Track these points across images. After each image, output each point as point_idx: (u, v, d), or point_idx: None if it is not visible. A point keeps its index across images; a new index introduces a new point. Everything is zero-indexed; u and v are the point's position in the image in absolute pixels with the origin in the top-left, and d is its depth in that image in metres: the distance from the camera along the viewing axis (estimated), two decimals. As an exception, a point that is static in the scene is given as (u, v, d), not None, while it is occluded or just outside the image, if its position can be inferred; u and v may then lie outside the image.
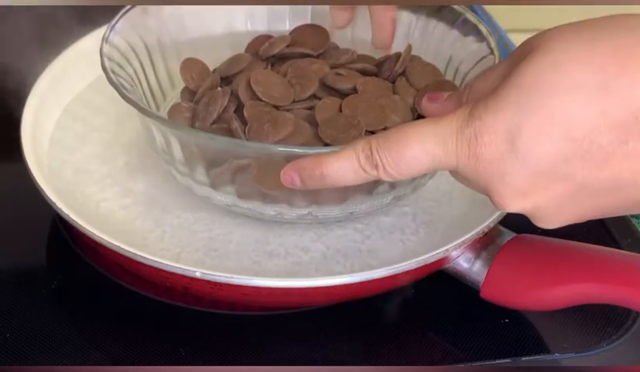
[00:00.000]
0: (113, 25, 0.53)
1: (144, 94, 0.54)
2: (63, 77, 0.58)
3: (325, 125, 0.49)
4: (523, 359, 0.49)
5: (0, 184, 0.57)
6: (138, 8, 0.54)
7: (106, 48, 0.51)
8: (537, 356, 0.49)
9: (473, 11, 0.68)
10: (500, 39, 0.75)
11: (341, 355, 0.49)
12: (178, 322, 0.50)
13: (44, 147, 0.54)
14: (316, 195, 0.49)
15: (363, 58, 0.56)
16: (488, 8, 0.79)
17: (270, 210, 0.50)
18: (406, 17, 0.58)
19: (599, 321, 0.51)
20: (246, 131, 0.48)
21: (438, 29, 0.57)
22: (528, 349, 0.49)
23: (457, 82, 0.55)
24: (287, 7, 0.60)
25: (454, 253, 0.49)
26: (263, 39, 0.56)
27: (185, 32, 0.58)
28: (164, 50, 0.56)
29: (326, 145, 0.49)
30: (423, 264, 0.47)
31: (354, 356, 0.49)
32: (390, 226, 0.53)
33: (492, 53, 0.53)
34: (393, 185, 0.50)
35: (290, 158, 0.44)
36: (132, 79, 0.52)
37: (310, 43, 0.56)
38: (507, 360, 0.49)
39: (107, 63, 0.50)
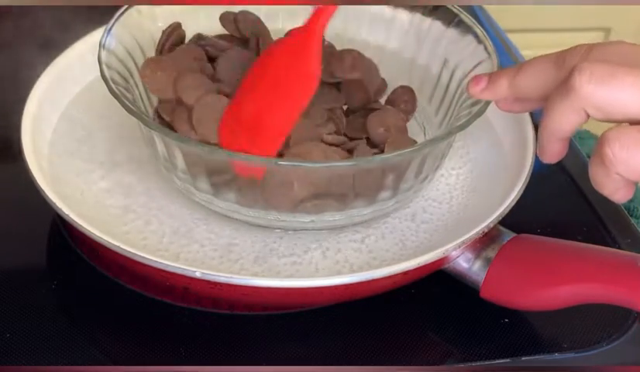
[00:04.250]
0: (109, 29, 0.52)
1: (140, 96, 0.54)
2: (61, 80, 0.57)
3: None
4: (523, 359, 0.49)
5: (0, 184, 0.57)
6: (132, 10, 0.54)
7: (104, 55, 0.51)
8: (537, 356, 0.49)
9: (473, 11, 0.68)
10: (500, 39, 0.75)
11: (341, 355, 0.48)
12: (178, 322, 0.49)
13: (44, 148, 0.54)
14: (321, 206, 0.49)
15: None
16: (488, 8, 0.79)
17: (271, 217, 0.50)
18: (402, 16, 0.58)
19: (599, 321, 0.51)
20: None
21: (433, 28, 0.57)
22: (527, 348, 0.49)
23: (452, 86, 0.55)
24: (280, 6, 0.60)
25: (454, 253, 0.49)
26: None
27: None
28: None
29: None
30: (423, 264, 0.47)
31: (354, 356, 0.48)
32: (390, 226, 0.53)
33: (490, 57, 0.53)
34: (395, 191, 0.50)
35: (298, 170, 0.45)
36: (128, 82, 0.52)
37: None
38: (507, 360, 0.49)
39: (107, 72, 0.50)
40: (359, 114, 0.53)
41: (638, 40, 0.44)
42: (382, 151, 0.51)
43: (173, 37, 0.54)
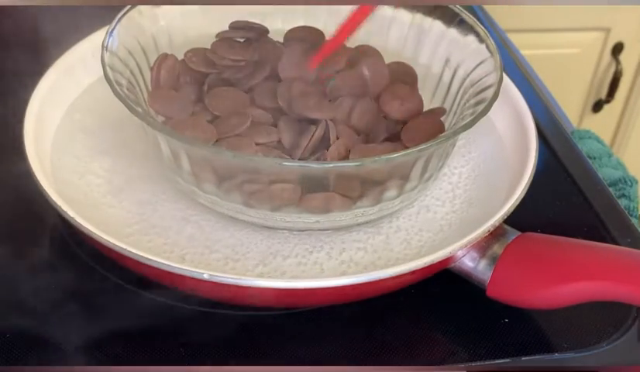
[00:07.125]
0: (111, 31, 0.52)
1: (142, 96, 0.53)
2: (63, 81, 0.57)
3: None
4: (523, 359, 0.49)
5: (1, 184, 0.57)
6: (134, 10, 0.54)
7: (107, 57, 0.50)
8: (537, 356, 0.49)
9: (473, 11, 0.68)
10: (500, 39, 0.75)
11: (341, 355, 0.48)
12: (178, 322, 0.49)
13: (47, 150, 0.54)
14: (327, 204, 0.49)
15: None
16: (488, 8, 0.79)
17: (276, 218, 0.50)
18: (402, 16, 0.58)
19: (599, 320, 0.51)
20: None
21: (434, 28, 0.57)
22: (528, 348, 0.49)
23: (454, 86, 0.55)
24: (280, 6, 0.60)
25: (460, 253, 0.49)
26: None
27: (180, 32, 0.58)
28: (160, 51, 0.56)
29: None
30: (430, 264, 0.47)
31: (354, 356, 0.48)
32: (395, 226, 0.53)
33: (492, 56, 0.53)
34: (400, 191, 0.50)
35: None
36: (130, 83, 0.52)
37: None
38: (507, 360, 0.49)
39: (110, 74, 0.49)
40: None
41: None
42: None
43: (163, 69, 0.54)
